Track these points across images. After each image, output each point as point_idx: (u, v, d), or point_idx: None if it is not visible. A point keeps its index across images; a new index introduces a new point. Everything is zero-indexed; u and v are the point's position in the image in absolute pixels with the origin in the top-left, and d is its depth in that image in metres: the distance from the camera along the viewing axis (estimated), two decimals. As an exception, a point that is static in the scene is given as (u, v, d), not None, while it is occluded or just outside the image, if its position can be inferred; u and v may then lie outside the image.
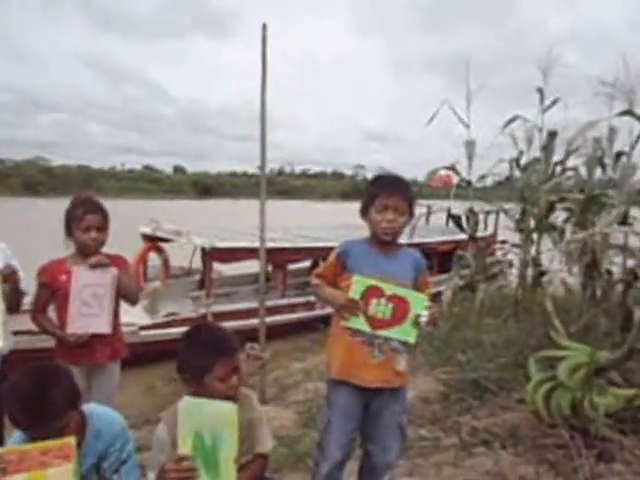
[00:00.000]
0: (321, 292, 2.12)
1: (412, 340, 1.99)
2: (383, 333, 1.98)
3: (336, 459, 2.07)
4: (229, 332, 1.78)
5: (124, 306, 2.68)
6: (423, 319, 1.95)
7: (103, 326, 2.50)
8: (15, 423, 1.54)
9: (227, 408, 1.57)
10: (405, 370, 2.07)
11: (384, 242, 2.06)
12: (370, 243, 2.11)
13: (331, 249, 2.21)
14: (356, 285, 1.98)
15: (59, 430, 1.51)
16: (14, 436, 1.64)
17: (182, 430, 1.56)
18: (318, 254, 7.88)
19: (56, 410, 1.52)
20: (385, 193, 2.01)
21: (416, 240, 7.13)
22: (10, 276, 2.30)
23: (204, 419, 1.56)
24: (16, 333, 2.54)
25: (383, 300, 1.97)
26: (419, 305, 1.97)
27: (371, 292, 1.97)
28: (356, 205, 2.20)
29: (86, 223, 2.46)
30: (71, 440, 1.49)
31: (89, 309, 2.47)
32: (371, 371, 2.00)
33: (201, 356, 1.65)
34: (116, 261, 2.60)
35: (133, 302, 2.68)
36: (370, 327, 1.98)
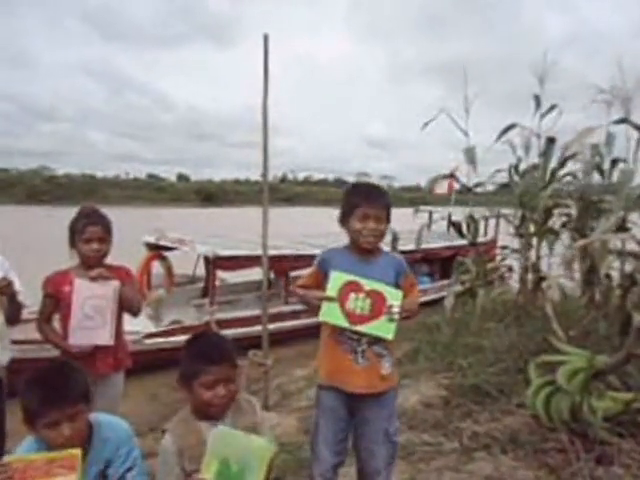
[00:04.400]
0: (302, 294, 2.12)
1: (390, 337, 1.99)
2: (361, 328, 1.99)
3: (327, 460, 2.09)
4: (228, 342, 1.78)
5: (127, 315, 2.69)
6: (395, 309, 1.96)
7: (105, 338, 2.52)
8: (30, 409, 1.54)
9: (262, 445, 1.57)
10: (390, 374, 2.09)
11: (364, 249, 2.08)
12: (350, 250, 2.13)
13: None
14: (334, 281, 2.01)
15: (70, 417, 1.54)
16: (24, 443, 1.64)
17: (209, 456, 1.55)
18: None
19: (72, 392, 1.56)
20: (367, 203, 2.03)
21: (420, 247, 7.16)
22: (6, 288, 2.31)
23: (235, 450, 1.55)
24: (21, 342, 2.56)
25: (361, 295, 1.99)
26: (393, 298, 1.99)
27: (349, 287, 2.00)
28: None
29: (87, 235, 2.49)
30: (76, 451, 1.51)
31: (91, 321, 2.48)
32: (356, 377, 2.03)
33: (190, 362, 1.68)
34: (119, 272, 2.61)
35: (135, 314, 2.69)
36: (348, 322, 1.99)
